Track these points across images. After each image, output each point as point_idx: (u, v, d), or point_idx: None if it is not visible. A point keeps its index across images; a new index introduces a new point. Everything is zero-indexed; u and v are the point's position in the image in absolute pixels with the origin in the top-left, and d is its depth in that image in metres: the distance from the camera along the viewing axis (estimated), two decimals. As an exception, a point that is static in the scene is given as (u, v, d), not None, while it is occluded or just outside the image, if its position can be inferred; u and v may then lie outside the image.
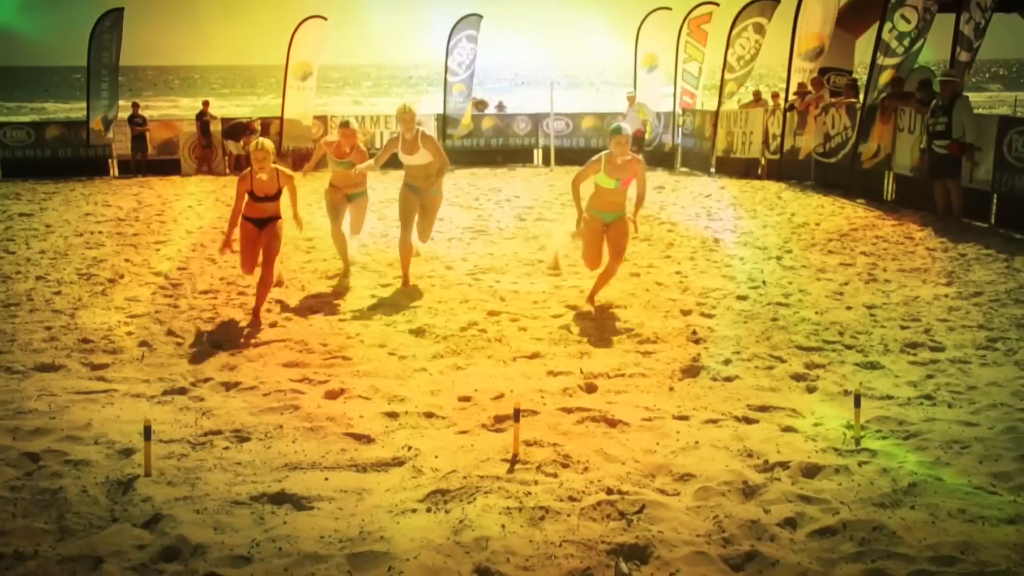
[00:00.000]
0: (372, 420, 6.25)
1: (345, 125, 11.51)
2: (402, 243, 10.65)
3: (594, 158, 9.15)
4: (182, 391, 6.95)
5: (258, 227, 9.27)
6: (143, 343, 8.22)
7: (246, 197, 9.16)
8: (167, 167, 24.67)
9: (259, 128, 25.35)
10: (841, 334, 8.41)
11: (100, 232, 14.77)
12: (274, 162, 9.21)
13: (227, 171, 24.56)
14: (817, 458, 5.45)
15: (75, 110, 46.93)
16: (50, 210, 17.59)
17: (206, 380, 7.23)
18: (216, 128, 25.18)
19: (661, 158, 26.33)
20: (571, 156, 26.88)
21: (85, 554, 4.24)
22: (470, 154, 26.67)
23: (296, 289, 10.47)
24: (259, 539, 4.40)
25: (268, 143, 9.13)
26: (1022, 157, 13.80)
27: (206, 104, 26.16)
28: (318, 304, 9.77)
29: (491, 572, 4.10)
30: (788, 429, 6.00)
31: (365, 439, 5.88)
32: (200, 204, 18.13)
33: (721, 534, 4.50)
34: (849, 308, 9.41)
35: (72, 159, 24.79)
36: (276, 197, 9.27)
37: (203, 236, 14.10)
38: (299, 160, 25.47)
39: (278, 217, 9.36)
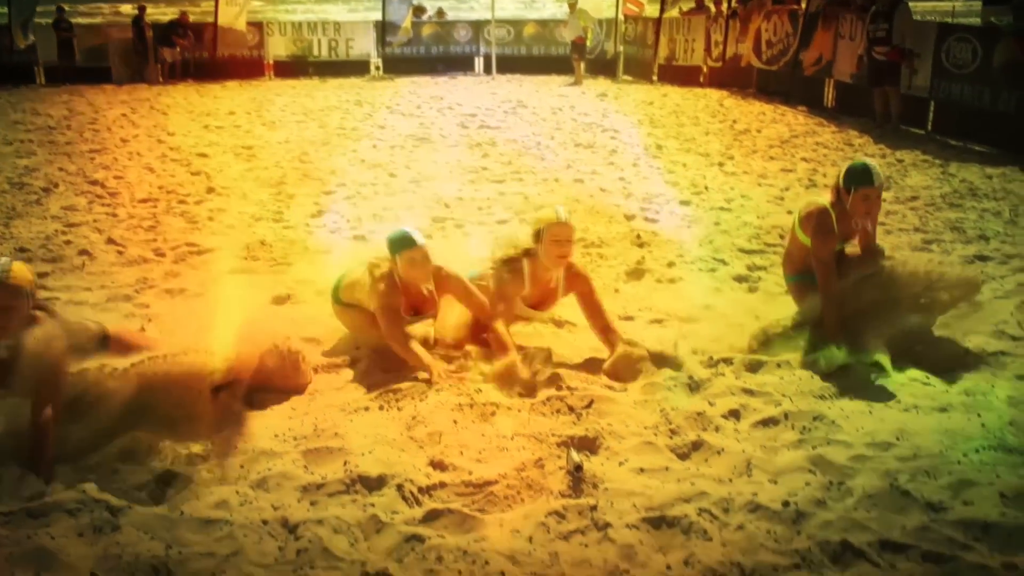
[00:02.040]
0: (319, 324, 6.24)
1: (407, 245, 5.46)
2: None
3: (825, 230, 5.52)
4: (126, 298, 6.87)
5: None
6: (83, 252, 8.08)
7: None
8: (97, 75, 23.92)
9: (188, 27, 24.62)
10: (782, 237, 8.52)
11: (30, 141, 14.38)
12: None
13: (160, 79, 23.93)
14: (760, 354, 5.57)
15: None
16: (-25, 118, 17.08)
17: (150, 287, 7.16)
18: (150, 35, 24.43)
19: (603, 66, 26.17)
20: (513, 64, 26.63)
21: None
22: (410, 62, 26.27)
23: (238, 197, 10.34)
24: (214, 438, 4.42)
25: None
26: (959, 64, 13.95)
27: (142, 10, 25.17)
28: (260, 212, 9.66)
29: (445, 464, 4.18)
30: (732, 326, 6.12)
31: (314, 342, 5.88)
32: (134, 112, 17.70)
33: (668, 426, 4.62)
34: (790, 212, 9.48)
35: (-6, 65, 23.92)
36: None
37: (139, 145, 13.81)
38: (236, 67, 24.92)
39: None
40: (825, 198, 5.66)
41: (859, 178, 5.49)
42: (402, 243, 5.43)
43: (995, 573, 3.34)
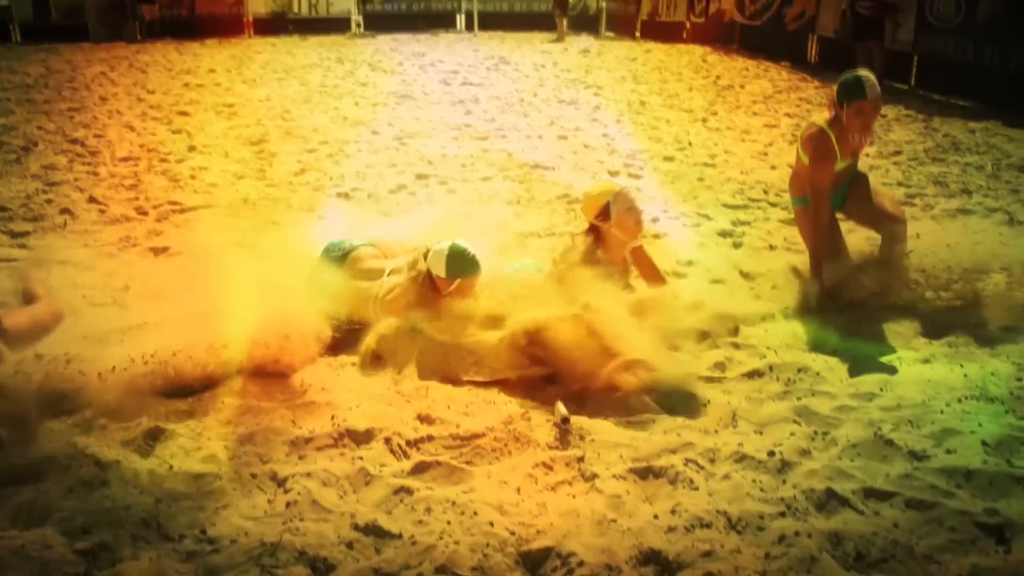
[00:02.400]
0: (303, 280, 6.23)
1: (474, 271, 4.98)
2: None
3: (821, 152, 5.41)
4: (110, 256, 6.82)
5: None
6: (64, 210, 8.00)
7: None
8: (74, 33, 23.60)
9: None
10: (766, 192, 8.56)
11: (8, 99, 14.19)
12: None
13: (138, 37, 23.63)
14: (745, 308, 5.59)
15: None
16: (-48, 77, 16.85)
17: (133, 246, 7.11)
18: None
19: (586, 22, 26.03)
20: (495, 21, 26.45)
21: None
22: (391, 19, 26.05)
23: (220, 155, 10.26)
24: (202, 395, 4.42)
25: None
26: (942, 18, 13.93)
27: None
28: (243, 170, 9.59)
29: (432, 418, 4.19)
30: (716, 281, 6.14)
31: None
32: (113, 70, 17.49)
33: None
34: (773, 168, 9.55)
35: (-30, 25, 23.58)
36: None
37: (119, 103, 13.66)
38: (215, 25, 24.66)
39: None
40: (824, 116, 5.50)
41: (851, 92, 5.31)
42: (471, 268, 4.95)
43: (977, 518, 3.39)
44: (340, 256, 5.35)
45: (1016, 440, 3.93)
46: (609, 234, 5.31)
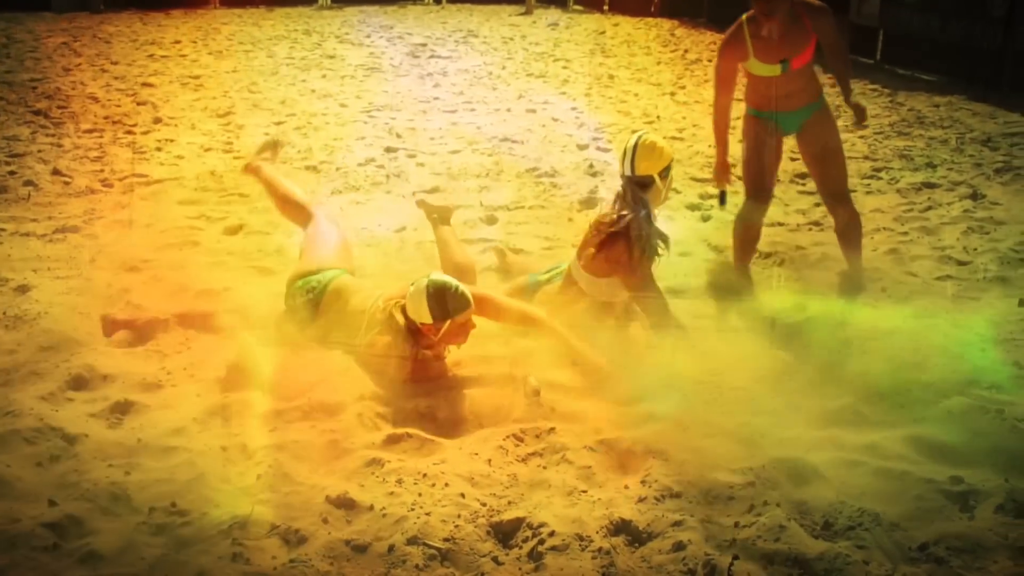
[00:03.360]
0: (272, 255, 6.21)
1: (450, 306, 4.18)
2: None
3: (727, 36, 5.33)
4: (75, 229, 6.73)
5: None
6: (28, 182, 7.88)
7: None
8: (36, 2, 23.12)
9: None
10: (734, 166, 8.56)
11: (-33, 70, 13.94)
12: None
13: (102, 7, 23.24)
14: (712, 279, 5.64)
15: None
16: (-91, 48, 16.51)
17: (99, 218, 7.02)
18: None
19: (554, -5, 25.90)
20: (463, -7, 26.24)
21: (-11, 387, 4.17)
22: (358, -10, 25.76)
23: (186, 127, 10.15)
24: (167, 364, 4.40)
25: None
26: (909, -7, 14.00)
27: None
28: (210, 142, 9.50)
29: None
30: (684, 254, 6.17)
31: (268, 272, 5.84)
32: (76, 41, 17.20)
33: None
34: (740, 141, 9.56)
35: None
36: None
37: (82, 74, 13.45)
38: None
39: None
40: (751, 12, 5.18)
41: None
42: (460, 304, 4.23)
43: (942, 486, 3.44)
44: (314, 297, 4.72)
45: (980, 409, 3.99)
46: (658, 193, 5.02)
